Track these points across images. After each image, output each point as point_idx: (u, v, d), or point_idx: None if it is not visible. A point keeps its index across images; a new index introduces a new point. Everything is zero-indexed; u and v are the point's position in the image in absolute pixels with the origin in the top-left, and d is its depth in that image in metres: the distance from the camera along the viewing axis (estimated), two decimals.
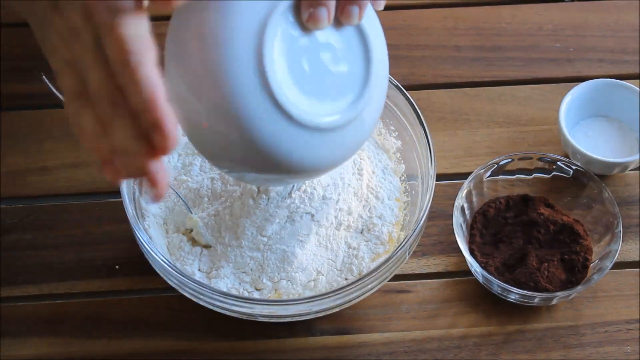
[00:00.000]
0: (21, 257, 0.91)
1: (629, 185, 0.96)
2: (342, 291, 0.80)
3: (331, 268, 0.85)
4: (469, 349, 0.86)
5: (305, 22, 0.69)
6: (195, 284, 0.80)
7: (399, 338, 0.87)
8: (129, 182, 0.85)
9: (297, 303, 0.81)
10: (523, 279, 0.86)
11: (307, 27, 0.69)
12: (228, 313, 0.82)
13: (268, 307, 0.81)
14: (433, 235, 0.92)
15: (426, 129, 0.86)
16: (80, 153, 0.97)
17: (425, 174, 0.86)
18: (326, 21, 0.69)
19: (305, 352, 0.86)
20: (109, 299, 0.89)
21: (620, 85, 0.97)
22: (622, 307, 0.89)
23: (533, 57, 1.05)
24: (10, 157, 0.97)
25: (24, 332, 0.87)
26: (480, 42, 1.06)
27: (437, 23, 1.07)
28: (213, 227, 0.86)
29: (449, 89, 1.03)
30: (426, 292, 0.90)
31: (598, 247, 0.89)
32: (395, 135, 0.92)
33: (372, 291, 0.83)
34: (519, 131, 0.99)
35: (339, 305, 0.82)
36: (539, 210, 0.90)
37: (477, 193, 0.92)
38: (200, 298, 0.81)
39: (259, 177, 0.74)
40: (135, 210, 0.85)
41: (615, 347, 0.87)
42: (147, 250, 0.81)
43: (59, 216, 0.94)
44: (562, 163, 0.92)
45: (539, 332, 0.87)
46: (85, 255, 0.91)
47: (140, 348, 0.87)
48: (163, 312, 0.88)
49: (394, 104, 0.90)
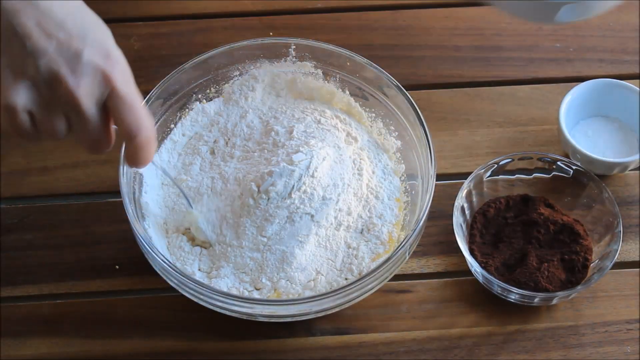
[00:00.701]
0: (21, 257, 0.91)
1: (629, 185, 0.96)
2: (342, 291, 0.80)
3: (331, 268, 0.85)
4: (469, 349, 0.86)
5: None
6: (195, 284, 0.80)
7: (399, 338, 0.87)
8: (129, 182, 0.85)
9: (297, 303, 0.81)
10: (523, 279, 0.86)
11: None
12: (228, 313, 0.82)
13: (268, 307, 0.81)
14: (433, 235, 0.92)
15: (426, 129, 0.86)
16: (80, 153, 0.97)
17: (425, 174, 0.86)
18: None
19: (305, 352, 0.86)
20: (109, 299, 0.89)
21: (620, 85, 0.97)
22: (622, 307, 0.89)
23: (533, 57, 1.05)
24: (10, 157, 0.97)
25: (24, 332, 0.87)
26: (480, 42, 1.06)
27: (437, 23, 1.07)
28: (214, 224, 0.86)
29: (449, 89, 1.03)
30: (426, 292, 0.90)
31: (598, 247, 0.89)
32: (395, 135, 0.92)
33: (372, 291, 0.83)
34: (519, 131, 0.99)
35: (339, 305, 0.82)
36: (539, 210, 0.90)
37: (477, 193, 0.92)
38: (200, 298, 0.81)
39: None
40: (136, 210, 0.85)
41: (615, 347, 0.87)
42: (147, 250, 0.81)
43: (59, 216, 0.94)
44: (562, 163, 0.92)
45: (539, 332, 0.87)
46: (85, 255, 0.91)
47: (140, 348, 0.87)
48: (163, 312, 0.88)
49: (394, 104, 0.91)
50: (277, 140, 0.89)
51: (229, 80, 0.94)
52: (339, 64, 0.93)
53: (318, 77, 0.94)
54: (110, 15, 1.06)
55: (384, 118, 0.92)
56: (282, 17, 1.06)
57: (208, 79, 0.93)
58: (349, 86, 0.93)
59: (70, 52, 0.68)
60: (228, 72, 0.94)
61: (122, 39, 0.74)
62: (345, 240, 0.86)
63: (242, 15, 1.08)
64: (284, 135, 0.89)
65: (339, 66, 0.93)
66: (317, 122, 0.90)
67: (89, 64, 0.69)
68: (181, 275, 0.80)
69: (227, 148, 0.91)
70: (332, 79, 0.94)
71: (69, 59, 0.68)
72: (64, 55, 0.68)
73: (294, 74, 0.94)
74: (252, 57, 0.93)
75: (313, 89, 0.94)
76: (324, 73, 0.94)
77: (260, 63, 0.94)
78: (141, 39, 1.05)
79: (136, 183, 0.87)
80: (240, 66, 0.94)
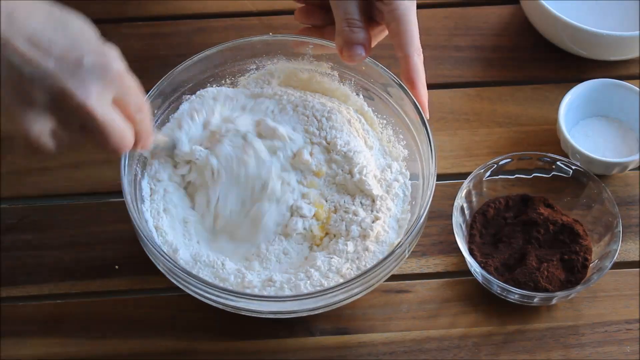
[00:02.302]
0: (21, 257, 0.91)
1: (629, 185, 0.96)
2: (339, 288, 0.80)
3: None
4: (469, 349, 0.86)
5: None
6: (200, 282, 0.80)
7: (398, 338, 0.87)
8: (130, 182, 0.85)
9: (296, 299, 0.81)
10: (523, 279, 0.86)
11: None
12: (212, 303, 0.81)
13: (267, 304, 0.81)
14: (433, 235, 0.92)
15: (427, 128, 0.86)
16: (80, 153, 0.97)
17: (426, 173, 0.86)
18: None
19: (305, 352, 0.86)
20: (109, 299, 0.89)
21: (620, 85, 0.97)
22: (622, 307, 0.89)
23: (533, 57, 1.05)
24: (10, 157, 0.97)
25: (24, 332, 0.87)
26: (480, 42, 1.06)
27: (437, 23, 1.07)
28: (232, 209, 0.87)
29: (449, 89, 1.03)
30: (426, 292, 0.90)
31: (598, 247, 0.89)
32: (403, 144, 0.91)
33: (370, 289, 0.82)
34: (519, 131, 0.99)
35: (337, 303, 0.81)
36: (539, 210, 0.90)
37: (477, 193, 0.92)
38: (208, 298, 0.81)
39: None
40: (136, 204, 0.84)
41: (615, 347, 0.87)
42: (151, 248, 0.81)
43: (59, 216, 0.94)
44: (561, 163, 0.92)
45: (539, 332, 0.87)
46: (85, 255, 0.91)
47: (140, 348, 0.87)
48: (163, 312, 0.88)
49: (397, 103, 0.90)
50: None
51: (245, 74, 0.94)
52: (354, 66, 0.92)
53: (334, 79, 0.94)
54: (110, 15, 1.07)
55: (394, 126, 0.92)
56: (282, 17, 1.06)
57: (223, 69, 0.93)
58: (362, 91, 0.93)
59: (70, 64, 0.67)
60: (245, 64, 0.94)
61: (122, 38, 0.75)
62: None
63: (242, 15, 1.08)
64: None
65: (354, 69, 0.92)
66: (348, 122, 0.91)
67: (92, 68, 0.67)
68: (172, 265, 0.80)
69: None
70: (347, 82, 0.93)
71: (71, 72, 0.67)
72: (65, 70, 0.66)
73: (310, 73, 0.94)
74: (269, 52, 0.93)
75: (328, 89, 0.94)
76: (339, 75, 0.93)
77: (277, 59, 0.94)
78: (141, 39, 1.05)
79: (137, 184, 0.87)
80: (258, 60, 0.94)
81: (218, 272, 0.84)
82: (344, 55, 0.86)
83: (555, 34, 1.02)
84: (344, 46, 0.86)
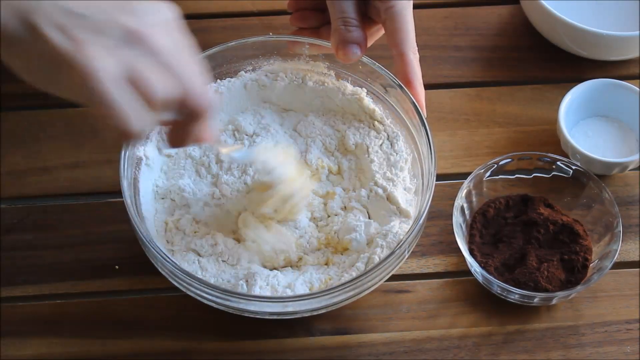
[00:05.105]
0: (21, 257, 0.91)
1: (629, 185, 0.96)
2: (340, 289, 0.80)
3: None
4: (469, 349, 0.86)
5: None
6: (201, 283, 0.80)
7: (398, 338, 0.87)
8: (130, 182, 0.85)
9: (295, 300, 0.81)
10: (523, 279, 0.86)
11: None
12: (217, 306, 0.81)
13: (268, 305, 0.81)
14: (433, 235, 0.93)
15: (427, 127, 0.86)
16: (80, 153, 0.97)
17: (426, 173, 0.86)
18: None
19: (305, 352, 0.86)
20: (109, 299, 0.89)
21: (620, 85, 0.97)
22: (622, 307, 0.89)
23: (533, 57, 1.05)
24: (10, 157, 0.97)
25: (24, 332, 0.87)
26: (480, 42, 1.06)
27: (437, 23, 1.07)
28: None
29: (449, 89, 1.03)
30: (426, 292, 0.90)
31: (598, 247, 0.89)
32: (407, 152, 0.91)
33: (370, 289, 0.82)
34: (519, 131, 0.99)
35: (337, 304, 0.81)
36: (539, 210, 0.90)
37: (477, 193, 0.92)
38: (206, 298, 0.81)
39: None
40: (136, 206, 0.84)
41: (615, 347, 0.87)
42: (150, 249, 0.81)
43: (59, 216, 0.94)
44: (561, 163, 0.92)
45: (539, 332, 0.87)
46: (85, 255, 0.91)
47: (140, 348, 0.87)
48: (163, 312, 0.88)
49: (397, 103, 0.90)
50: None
51: (239, 76, 0.94)
52: (351, 66, 0.92)
53: (331, 79, 0.93)
54: None
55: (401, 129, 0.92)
56: (282, 17, 1.06)
57: (220, 71, 0.93)
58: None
59: (131, 5, 0.63)
60: (240, 66, 0.93)
61: None
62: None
63: (242, 15, 1.08)
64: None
65: (351, 68, 0.92)
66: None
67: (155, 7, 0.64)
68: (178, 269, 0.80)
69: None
70: (342, 81, 0.93)
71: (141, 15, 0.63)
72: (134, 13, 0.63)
73: (306, 73, 0.94)
74: (265, 53, 0.93)
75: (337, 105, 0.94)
76: (336, 75, 0.93)
77: (273, 60, 0.94)
78: None
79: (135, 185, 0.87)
80: (254, 61, 0.93)
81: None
82: (339, 54, 0.86)
83: (555, 34, 1.02)
84: (339, 45, 0.86)
